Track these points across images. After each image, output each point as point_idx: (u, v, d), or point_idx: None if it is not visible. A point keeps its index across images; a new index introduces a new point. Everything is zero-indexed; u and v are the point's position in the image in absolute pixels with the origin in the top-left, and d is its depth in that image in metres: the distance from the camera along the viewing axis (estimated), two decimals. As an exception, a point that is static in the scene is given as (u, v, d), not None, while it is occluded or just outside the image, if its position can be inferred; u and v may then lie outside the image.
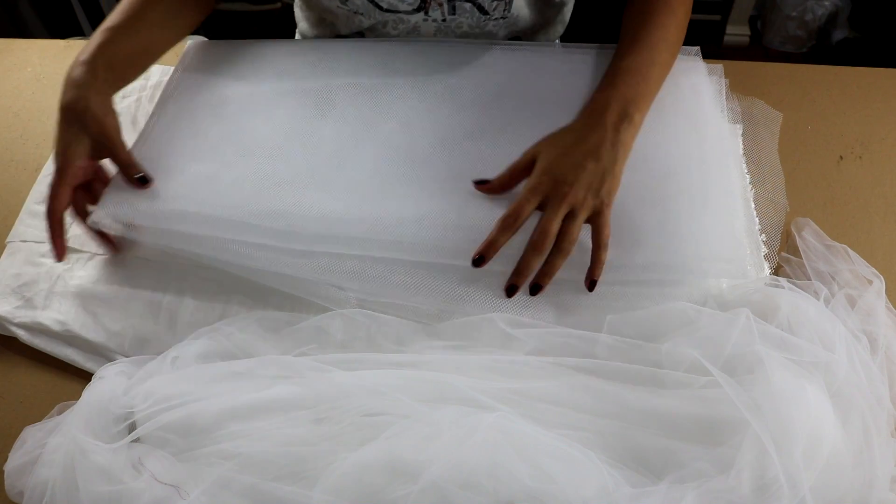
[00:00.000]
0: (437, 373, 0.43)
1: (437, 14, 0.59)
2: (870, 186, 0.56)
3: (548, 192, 0.45)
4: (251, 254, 0.48)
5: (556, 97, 0.54)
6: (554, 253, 0.45)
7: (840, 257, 0.50)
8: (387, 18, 0.60)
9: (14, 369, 0.49)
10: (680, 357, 0.42)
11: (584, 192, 0.45)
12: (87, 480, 0.40)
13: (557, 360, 0.44)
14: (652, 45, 0.52)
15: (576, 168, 0.45)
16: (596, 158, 0.46)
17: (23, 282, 0.52)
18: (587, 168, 0.45)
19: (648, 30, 0.52)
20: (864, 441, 0.40)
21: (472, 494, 0.38)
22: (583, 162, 0.46)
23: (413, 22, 0.60)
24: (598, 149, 0.46)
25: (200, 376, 0.44)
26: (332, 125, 0.54)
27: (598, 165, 0.46)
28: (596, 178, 0.45)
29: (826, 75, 0.63)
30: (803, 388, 0.40)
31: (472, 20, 0.60)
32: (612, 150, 0.47)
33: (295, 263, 0.48)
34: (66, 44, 0.71)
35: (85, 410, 0.43)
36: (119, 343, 0.49)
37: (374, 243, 0.48)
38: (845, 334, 0.43)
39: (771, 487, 0.37)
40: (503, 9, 0.59)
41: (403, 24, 0.61)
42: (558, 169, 0.46)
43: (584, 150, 0.46)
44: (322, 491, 0.39)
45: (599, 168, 0.46)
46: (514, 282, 0.46)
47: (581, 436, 0.41)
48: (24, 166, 0.60)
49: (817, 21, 1.49)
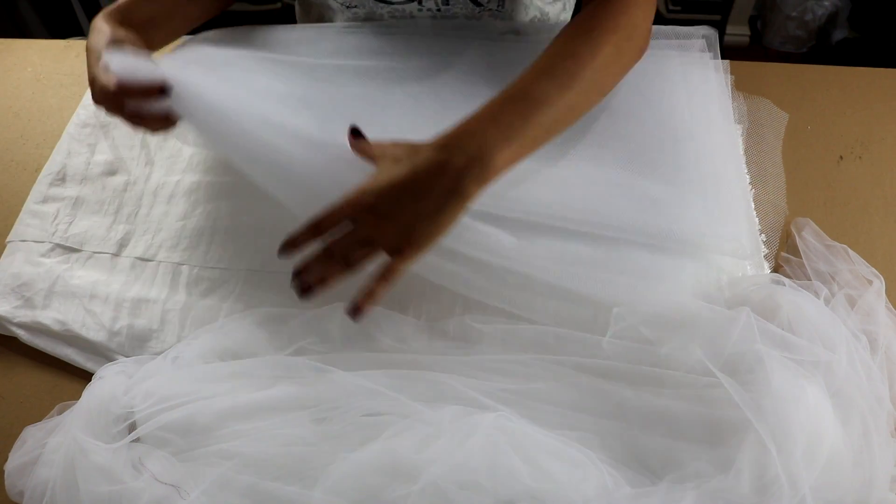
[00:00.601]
0: (436, 373, 0.43)
1: (431, 3, 0.59)
2: (870, 186, 0.56)
3: (361, 214, 0.41)
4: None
5: None
6: (337, 266, 0.42)
7: (840, 257, 0.50)
8: (382, 10, 0.60)
9: (14, 369, 0.49)
10: (680, 357, 0.42)
11: (390, 228, 0.40)
12: (88, 480, 0.40)
13: (557, 359, 0.44)
14: (570, 81, 0.42)
15: (395, 201, 0.40)
16: (424, 199, 0.40)
17: (22, 281, 0.52)
18: (407, 207, 0.40)
19: (577, 59, 0.43)
20: (864, 441, 0.40)
21: (472, 494, 0.38)
22: (405, 198, 0.40)
23: (407, 12, 0.60)
24: (430, 192, 0.40)
25: (200, 376, 0.44)
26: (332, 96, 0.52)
27: (418, 207, 0.40)
28: (412, 219, 0.40)
29: (826, 75, 0.63)
30: (803, 388, 0.40)
31: (466, 10, 0.60)
32: (448, 202, 0.39)
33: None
34: (67, 44, 0.71)
35: (85, 410, 0.43)
36: (119, 343, 0.49)
37: None
38: (846, 334, 0.43)
39: (771, 487, 0.37)
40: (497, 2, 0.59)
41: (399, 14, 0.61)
42: (378, 194, 0.40)
43: (417, 188, 0.40)
44: (322, 491, 0.39)
45: (420, 210, 0.40)
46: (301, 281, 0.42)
47: (581, 436, 0.41)
48: (25, 166, 0.60)
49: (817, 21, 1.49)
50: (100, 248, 0.53)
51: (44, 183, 0.58)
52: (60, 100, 0.64)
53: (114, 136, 0.61)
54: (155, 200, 0.56)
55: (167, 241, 0.53)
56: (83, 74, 0.65)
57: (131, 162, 0.59)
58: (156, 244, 0.53)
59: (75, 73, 0.67)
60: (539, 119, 0.42)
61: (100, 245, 0.54)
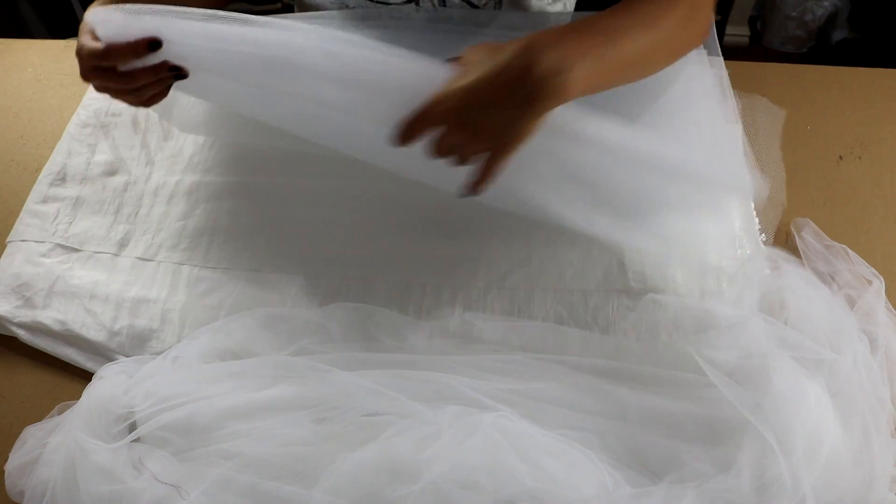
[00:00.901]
0: (436, 373, 0.43)
1: (427, 5, 0.59)
2: (869, 186, 0.56)
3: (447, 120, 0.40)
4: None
5: None
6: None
7: (840, 257, 0.50)
8: (379, 11, 0.60)
9: (15, 369, 0.49)
10: (680, 355, 0.42)
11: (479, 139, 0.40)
12: (88, 480, 0.40)
13: (557, 359, 0.44)
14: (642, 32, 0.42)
15: (478, 109, 0.39)
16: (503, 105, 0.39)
17: (23, 281, 0.52)
18: (487, 115, 0.39)
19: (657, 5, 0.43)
20: (864, 441, 0.40)
21: (472, 494, 0.38)
22: (486, 106, 0.39)
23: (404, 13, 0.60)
24: (508, 96, 0.39)
25: (200, 376, 0.44)
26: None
27: (497, 116, 0.39)
28: (495, 130, 0.40)
29: (826, 76, 0.63)
30: (804, 388, 0.40)
31: (462, 13, 0.60)
32: (522, 109, 0.39)
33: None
34: (67, 44, 0.71)
35: (85, 410, 0.43)
36: (119, 343, 0.49)
37: None
38: (852, 331, 0.43)
39: (771, 487, 0.37)
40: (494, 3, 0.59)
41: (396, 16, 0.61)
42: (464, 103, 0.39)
43: (495, 90, 0.39)
44: (322, 490, 0.39)
45: (500, 121, 0.39)
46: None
47: (581, 436, 0.41)
48: (25, 167, 0.60)
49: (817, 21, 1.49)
50: (100, 248, 0.54)
51: (44, 183, 0.58)
52: (60, 100, 0.65)
53: (114, 137, 0.61)
54: (155, 200, 0.56)
55: (167, 241, 0.53)
56: (83, 74, 0.66)
57: (131, 162, 0.59)
58: (156, 244, 0.54)
59: (75, 73, 0.66)
60: (621, 49, 0.41)
61: (100, 245, 0.54)
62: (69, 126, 0.61)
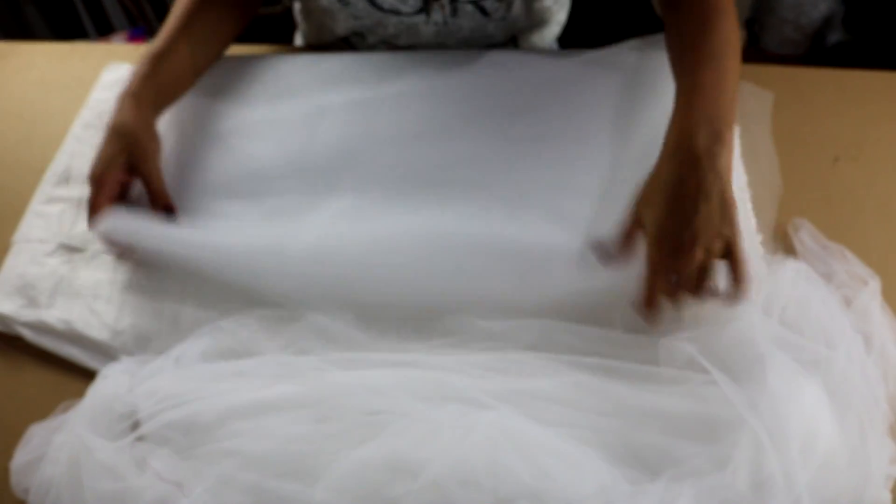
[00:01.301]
0: (436, 372, 0.44)
1: (438, 17, 0.59)
2: (865, 188, 0.56)
3: (671, 265, 0.41)
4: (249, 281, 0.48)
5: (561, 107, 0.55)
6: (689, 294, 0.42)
7: (836, 258, 0.50)
8: (388, 21, 0.61)
9: (19, 368, 0.50)
10: (677, 354, 0.43)
11: (705, 244, 0.40)
12: (92, 478, 0.40)
13: (556, 357, 0.44)
14: (717, 53, 0.47)
15: (688, 223, 0.40)
16: (705, 199, 0.41)
17: (27, 281, 0.52)
18: (701, 215, 0.40)
19: (708, 37, 0.48)
20: (860, 440, 0.40)
21: (472, 492, 0.38)
22: (692, 213, 0.40)
23: (414, 23, 0.61)
24: (700, 188, 0.41)
25: (203, 375, 0.45)
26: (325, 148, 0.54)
27: (709, 206, 0.40)
28: (713, 221, 0.41)
29: (821, 77, 0.63)
30: (800, 386, 0.40)
31: (472, 23, 0.60)
32: (717, 181, 0.41)
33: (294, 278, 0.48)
34: (71, 47, 0.71)
35: (89, 409, 0.43)
36: (123, 342, 0.49)
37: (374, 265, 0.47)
38: (848, 330, 0.43)
39: (767, 484, 0.37)
40: (504, 10, 0.59)
41: (403, 25, 0.61)
42: (672, 234, 0.41)
43: (689, 197, 0.41)
44: (323, 489, 0.39)
45: (712, 208, 0.40)
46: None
47: (579, 434, 0.41)
48: (30, 168, 0.61)
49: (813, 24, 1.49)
50: (103, 248, 0.54)
51: (48, 184, 0.58)
52: (65, 102, 0.65)
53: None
54: (157, 201, 0.57)
55: (170, 242, 0.54)
56: (87, 77, 0.66)
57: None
58: (159, 245, 0.54)
59: (79, 75, 0.67)
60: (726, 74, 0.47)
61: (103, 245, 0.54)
62: (73, 127, 0.62)
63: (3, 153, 0.62)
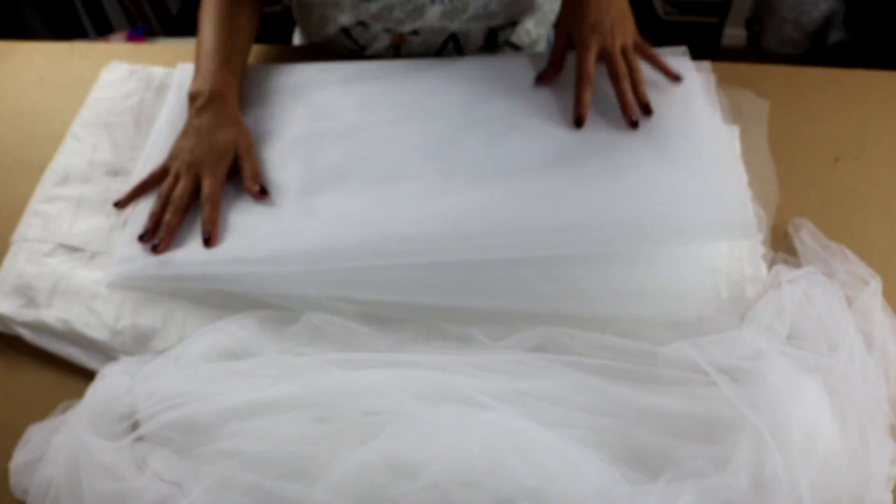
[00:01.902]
0: (436, 372, 0.43)
1: None
2: (866, 187, 0.56)
3: (599, 53, 0.56)
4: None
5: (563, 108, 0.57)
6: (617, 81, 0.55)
7: (837, 258, 0.50)
8: (393, 3, 0.61)
9: (18, 368, 0.50)
10: (678, 355, 0.43)
11: (620, 38, 0.56)
12: (91, 478, 0.40)
13: (556, 358, 0.44)
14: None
15: (602, 19, 0.56)
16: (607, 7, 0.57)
17: (26, 281, 0.52)
18: (613, 12, 0.57)
19: None
20: (861, 440, 0.40)
21: (472, 493, 0.38)
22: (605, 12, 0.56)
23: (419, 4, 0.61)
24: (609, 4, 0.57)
25: (202, 375, 0.45)
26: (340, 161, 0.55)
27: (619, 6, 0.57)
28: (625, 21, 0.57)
29: (822, 77, 0.63)
30: (801, 387, 0.40)
31: (478, 2, 0.61)
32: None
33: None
34: (70, 46, 0.71)
35: (88, 409, 0.43)
36: (122, 342, 0.49)
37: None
38: (851, 331, 0.43)
39: (768, 484, 0.37)
40: None
41: (410, 5, 0.61)
42: (592, 29, 0.56)
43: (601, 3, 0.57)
44: (323, 489, 0.39)
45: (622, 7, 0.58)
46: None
47: (580, 434, 0.41)
48: (29, 168, 0.61)
49: (813, 24, 1.49)
50: (102, 247, 0.54)
51: (47, 183, 0.58)
52: (64, 101, 0.65)
53: (116, 137, 0.61)
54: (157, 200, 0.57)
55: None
56: (86, 76, 0.66)
57: (133, 162, 0.59)
58: (158, 244, 0.54)
59: (78, 75, 0.67)
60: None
61: (102, 245, 0.54)
62: (72, 127, 0.62)
63: (2, 153, 0.62)
